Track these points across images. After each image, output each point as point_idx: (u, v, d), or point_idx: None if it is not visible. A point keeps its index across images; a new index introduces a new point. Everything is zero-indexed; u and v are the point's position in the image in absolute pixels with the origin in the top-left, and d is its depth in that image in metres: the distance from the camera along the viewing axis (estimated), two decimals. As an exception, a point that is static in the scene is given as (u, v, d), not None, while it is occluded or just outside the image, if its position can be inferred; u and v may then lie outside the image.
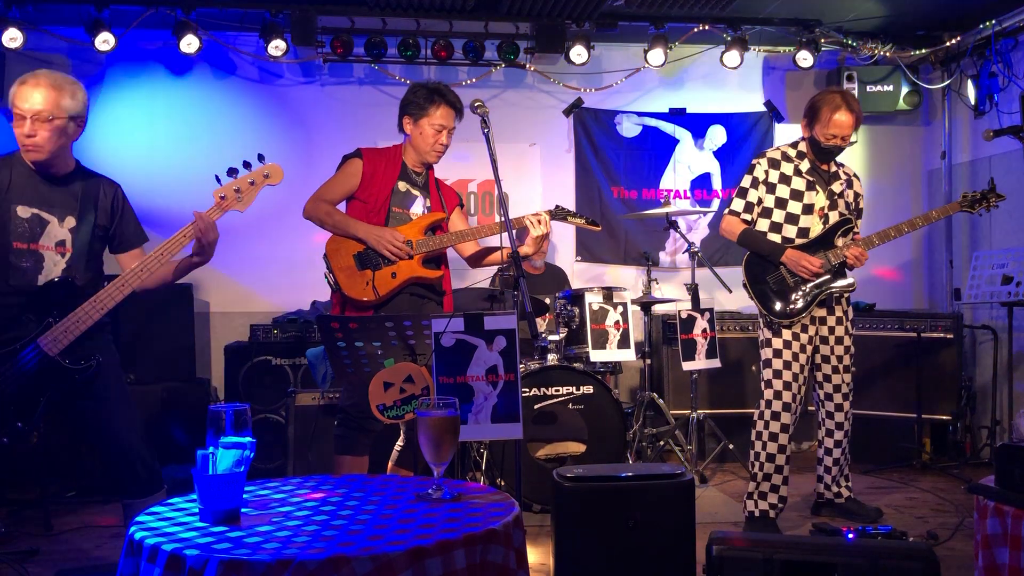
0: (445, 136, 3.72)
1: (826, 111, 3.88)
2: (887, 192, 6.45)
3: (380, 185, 3.68)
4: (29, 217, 2.92)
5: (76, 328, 2.83)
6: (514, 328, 2.63)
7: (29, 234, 2.92)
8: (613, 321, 4.79)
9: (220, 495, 1.80)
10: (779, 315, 3.93)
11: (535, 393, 4.29)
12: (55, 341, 2.81)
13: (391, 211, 3.69)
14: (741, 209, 4.03)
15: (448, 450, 1.98)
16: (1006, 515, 2.16)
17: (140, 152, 5.71)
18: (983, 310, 5.91)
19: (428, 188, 3.82)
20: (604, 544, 2.61)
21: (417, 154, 3.75)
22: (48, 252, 2.94)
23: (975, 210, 4.07)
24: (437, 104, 3.68)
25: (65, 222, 2.97)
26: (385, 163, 3.73)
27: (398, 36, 5.73)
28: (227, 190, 2.90)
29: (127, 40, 5.50)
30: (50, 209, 2.95)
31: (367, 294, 3.58)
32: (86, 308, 2.84)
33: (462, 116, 3.77)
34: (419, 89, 3.74)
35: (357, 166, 3.71)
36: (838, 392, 4.09)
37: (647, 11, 5.74)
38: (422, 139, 3.70)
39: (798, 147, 4.06)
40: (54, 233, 2.95)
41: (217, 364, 5.52)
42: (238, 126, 5.85)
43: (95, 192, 3.03)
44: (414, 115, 3.70)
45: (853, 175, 4.15)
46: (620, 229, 6.27)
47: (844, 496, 4.20)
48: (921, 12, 5.80)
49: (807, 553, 2.38)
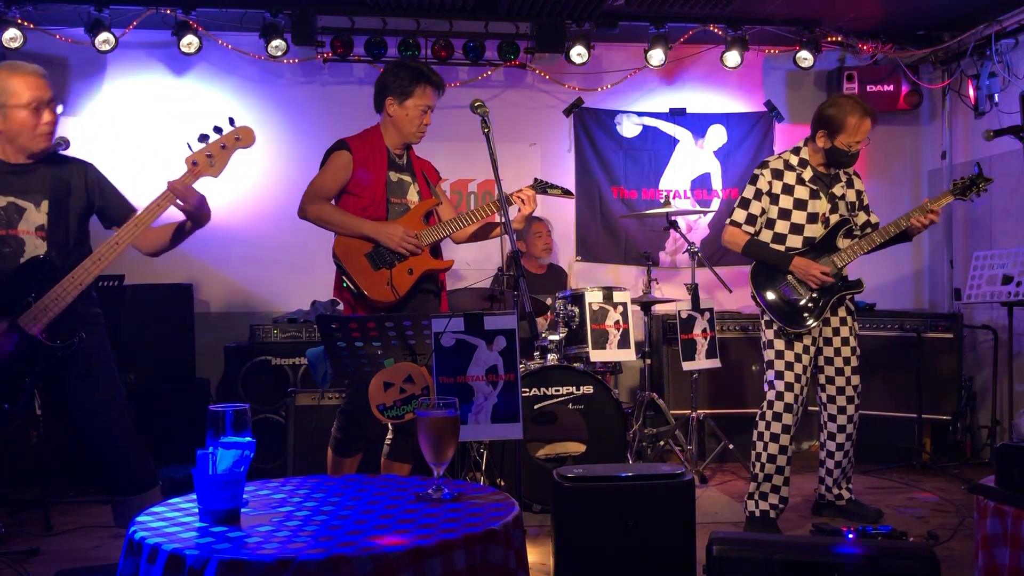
0: (429, 116, 3.66)
1: (851, 120, 3.83)
2: (887, 192, 6.44)
3: (373, 177, 3.60)
4: (5, 206, 2.93)
5: (55, 306, 2.82)
6: (514, 328, 2.63)
7: (6, 221, 2.92)
8: (613, 321, 4.78)
9: (220, 495, 1.80)
10: (793, 325, 3.91)
11: (535, 393, 4.29)
12: (34, 319, 2.80)
13: (390, 202, 3.62)
14: (743, 220, 4.00)
15: (448, 450, 1.98)
16: (1006, 515, 2.16)
17: (140, 152, 5.71)
18: (983, 310, 5.91)
19: (413, 171, 3.74)
20: (604, 544, 2.61)
21: (400, 135, 3.66)
22: (28, 236, 2.94)
23: (967, 196, 4.03)
24: (423, 85, 3.59)
25: (42, 207, 2.97)
26: (371, 151, 3.64)
27: (398, 36, 5.73)
28: (199, 156, 2.86)
29: (127, 40, 5.50)
30: (25, 196, 2.95)
31: (389, 295, 3.51)
32: (64, 284, 2.83)
33: (443, 93, 3.71)
34: (401, 70, 3.64)
35: (346, 158, 3.60)
36: (841, 395, 4.06)
37: (647, 11, 5.74)
38: (407, 120, 3.62)
39: (800, 154, 4.03)
40: (32, 219, 2.96)
41: (217, 364, 5.52)
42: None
43: (66, 175, 3.04)
44: (399, 96, 3.61)
45: (853, 173, 4.13)
46: (620, 229, 6.27)
47: (845, 498, 4.20)
48: (921, 12, 5.80)
49: (807, 553, 2.38)
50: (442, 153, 6.03)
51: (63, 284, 2.84)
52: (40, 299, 2.81)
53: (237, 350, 5.24)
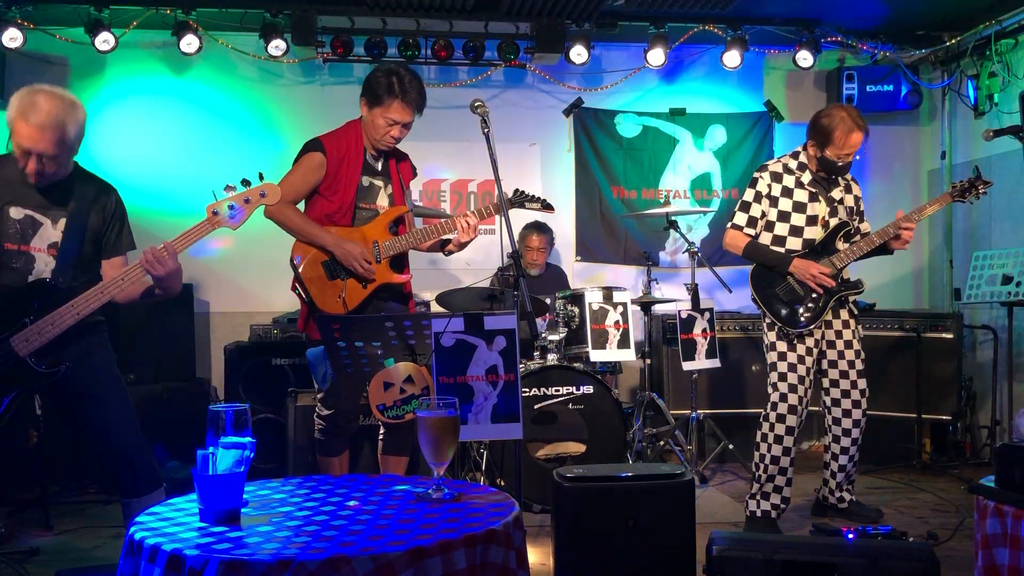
0: (397, 131, 3.52)
1: (839, 133, 3.84)
2: (887, 192, 6.45)
3: (345, 182, 3.53)
4: (22, 218, 2.91)
5: (49, 331, 2.79)
6: (514, 328, 2.63)
7: (20, 235, 2.90)
8: (613, 321, 4.78)
9: (220, 495, 1.80)
10: (793, 325, 3.91)
11: (535, 393, 4.29)
12: (26, 342, 2.79)
13: (357, 207, 3.55)
14: (744, 223, 4.01)
15: (448, 450, 1.98)
16: (1006, 515, 2.16)
17: (140, 152, 5.71)
18: (983, 310, 5.91)
19: (389, 173, 3.66)
20: (604, 544, 2.61)
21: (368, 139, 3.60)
22: (40, 254, 2.93)
23: (966, 199, 4.04)
24: (394, 97, 3.45)
25: (58, 224, 2.95)
26: (347, 154, 3.55)
27: (398, 36, 5.73)
28: (220, 206, 2.80)
29: (127, 40, 5.50)
30: (44, 210, 2.93)
31: (338, 307, 3.47)
32: (62, 311, 2.80)
33: (421, 112, 3.59)
34: (382, 76, 3.51)
35: (319, 160, 3.51)
36: (847, 398, 4.05)
37: (647, 11, 5.74)
38: (373, 128, 3.53)
39: (798, 158, 4.04)
40: (47, 235, 2.94)
41: (217, 364, 5.52)
42: (238, 126, 5.86)
43: (90, 195, 3.01)
44: (369, 102, 3.51)
45: (851, 179, 4.14)
46: (620, 229, 6.27)
47: (847, 500, 4.20)
48: (921, 12, 5.80)
49: (807, 553, 2.38)
50: (442, 153, 6.07)
51: (61, 311, 2.81)
52: (36, 322, 2.79)
53: (237, 350, 5.24)
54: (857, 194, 4.13)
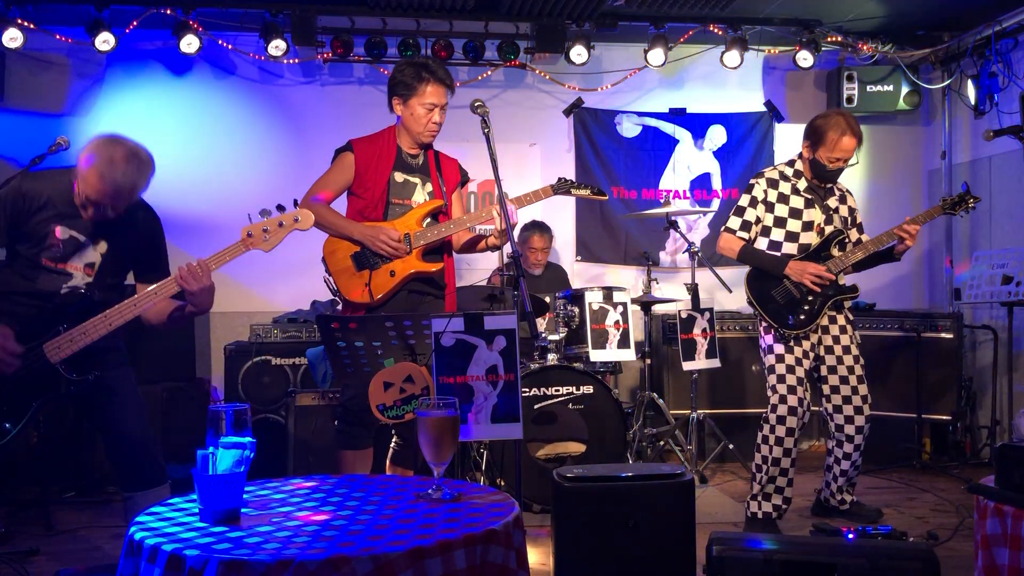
0: (438, 114, 3.57)
1: (831, 135, 3.86)
2: (887, 192, 6.45)
3: (375, 178, 3.59)
4: (67, 239, 2.95)
5: (81, 340, 2.84)
6: (514, 328, 2.63)
7: (61, 255, 2.94)
8: (613, 321, 4.79)
9: (220, 495, 1.80)
10: (790, 327, 3.92)
11: (535, 393, 4.29)
12: (58, 349, 2.83)
13: (390, 203, 3.61)
14: (738, 227, 4.02)
15: (448, 450, 1.98)
16: (1006, 515, 2.16)
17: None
18: (983, 310, 5.91)
19: (428, 171, 3.70)
20: (604, 544, 2.61)
21: (411, 136, 3.63)
22: (77, 272, 2.98)
23: (956, 212, 4.07)
24: (426, 81, 3.52)
25: (99, 246, 3.00)
26: (378, 153, 3.62)
27: (398, 36, 5.74)
28: (255, 228, 2.87)
29: (127, 40, 5.50)
30: (88, 232, 2.97)
31: (364, 296, 3.52)
32: (94, 322, 2.85)
33: (454, 91, 3.64)
34: (406, 67, 3.57)
35: (349, 160, 3.62)
36: (848, 404, 4.03)
37: (647, 11, 5.74)
38: (414, 120, 3.57)
39: (794, 166, 4.07)
40: (87, 255, 2.98)
41: (217, 364, 5.52)
42: (238, 126, 5.86)
43: (133, 220, 3.04)
44: (403, 95, 3.56)
45: (846, 191, 4.16)
46: (620, 229, 6.27)
47: (848, 501, 4.20)
48: (921, 12, 5.80)
49: (807, 553, 2.38)
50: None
51: (93, 321, 2.85)
52: (70, 331, 2.84)
53: (237, 350, 5.24)
54: (852, 205, 4.15)
